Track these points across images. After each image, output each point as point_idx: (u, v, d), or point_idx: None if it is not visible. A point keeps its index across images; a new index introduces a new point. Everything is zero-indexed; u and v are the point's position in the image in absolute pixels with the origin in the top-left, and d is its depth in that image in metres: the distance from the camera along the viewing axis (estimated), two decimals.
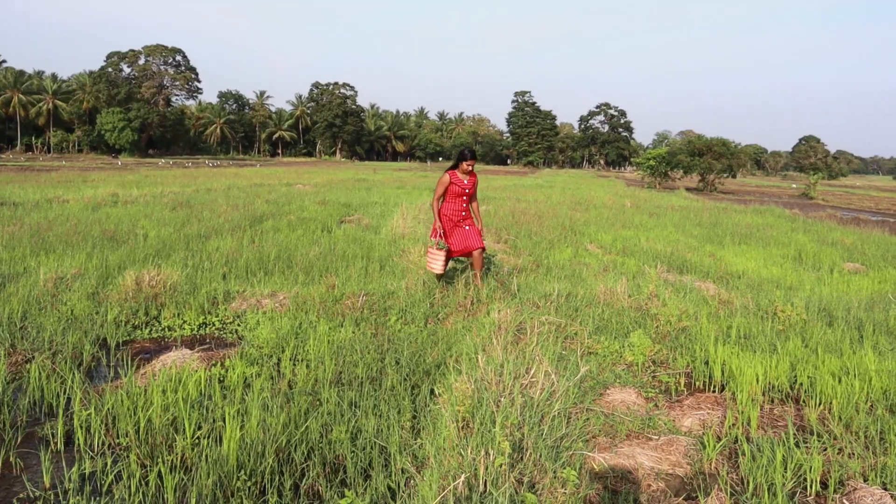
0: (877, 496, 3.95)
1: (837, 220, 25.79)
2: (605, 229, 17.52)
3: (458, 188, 8.60)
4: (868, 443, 4.74)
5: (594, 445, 4.65)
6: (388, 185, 37.63)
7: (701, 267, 12.18)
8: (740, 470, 4.35)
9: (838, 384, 5.59)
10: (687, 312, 7.73)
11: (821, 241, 17.18)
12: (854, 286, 11.01)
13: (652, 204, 29.61)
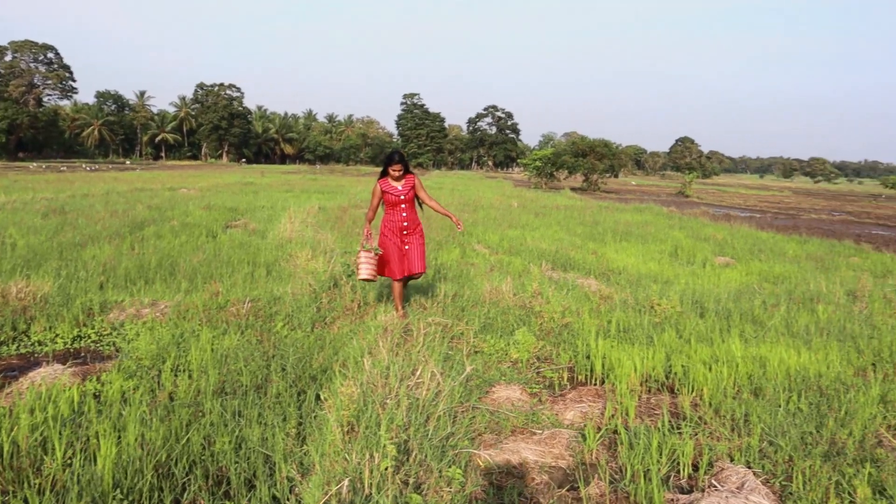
0: (741, 474, 4.20)
1: (710, 217, 27.19)
2: (492, 229, 17.81)
3: (393, 196, 7.65)
4: (734, 425, 5.03)
5: (480, 443, 4.72)
6: (276, 188, 36.91)
7: (584, 264, 12.57)
8: (619, 458, 4.52)
9: (709, 372, 5.90)
10: (570, 309, 7.97)
11: (695, 237, 18.07)
12: (724, 278, 11.64)
13: (538, 204, 30.34)
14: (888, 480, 4.11)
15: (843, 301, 9.26)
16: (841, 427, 4.90)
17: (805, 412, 5.18)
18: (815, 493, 4.04)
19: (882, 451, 4.59)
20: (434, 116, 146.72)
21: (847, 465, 4.36)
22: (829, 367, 6.24)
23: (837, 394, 5.54)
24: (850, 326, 7.75)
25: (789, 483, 4.20)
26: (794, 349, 6.67)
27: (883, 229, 27.83)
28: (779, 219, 30.64)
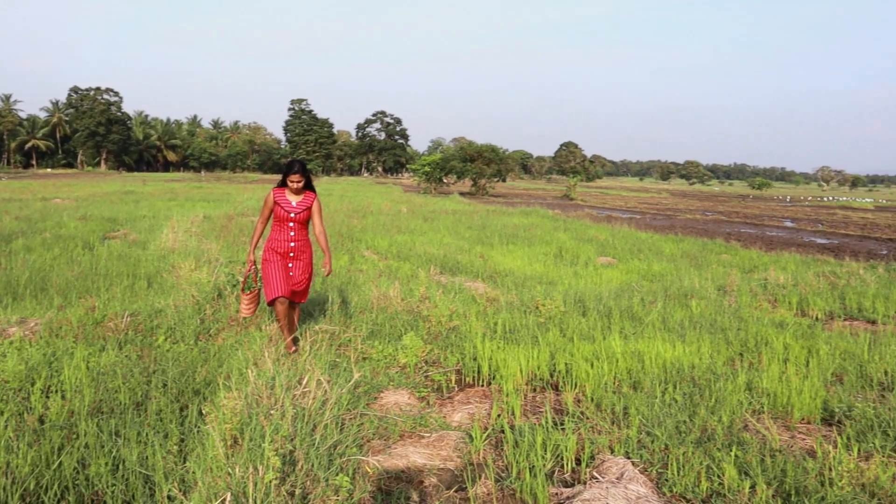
0: (620, 465, 4.37)
1: (593, 219, 28.15)
2: (381, 235, 17.80)
3: (284, 212, 6.60)
4: (614, 418, 5.22)
5: (368, 449, 4.71)
6: (158, 197, 35.56)
7: (472, 267, 12.75)
8: (505, 456, 4.61)
9: (591, 368, 6.11)
10: (457, 312, 8.07)
11: (579, 239, 18.66)
12: (606, 278, 12.08)
13: (427, 209, 30.53)
14: (752, 462, 4.37)
15: (714, 296, 9.78)
16: (711, 414, 5.18)
17: (679, 402, 5.44)
18: (688, 478, 4.25)
19: (748, 434, 4.88)
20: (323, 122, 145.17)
21: (717, 449, 4.61)
22: (701, 359, 6.58)
23: (709, 383, 5.85)
24: (721, 319, 8.20)
25: (665, 470, 4.39)
26: (669, 343, 6.99)
27: (751, 227, 29.58)
28: (657, 219, 32.05)
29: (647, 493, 4.07)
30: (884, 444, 4.79)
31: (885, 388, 6.11)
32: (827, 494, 4.00)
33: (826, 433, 5.14)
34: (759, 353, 6.95)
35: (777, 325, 8.13)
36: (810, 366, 6.49)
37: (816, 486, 4.12)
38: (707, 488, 4.19)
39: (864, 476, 4.28)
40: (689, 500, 4.10)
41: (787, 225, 32.11)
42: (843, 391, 5.86)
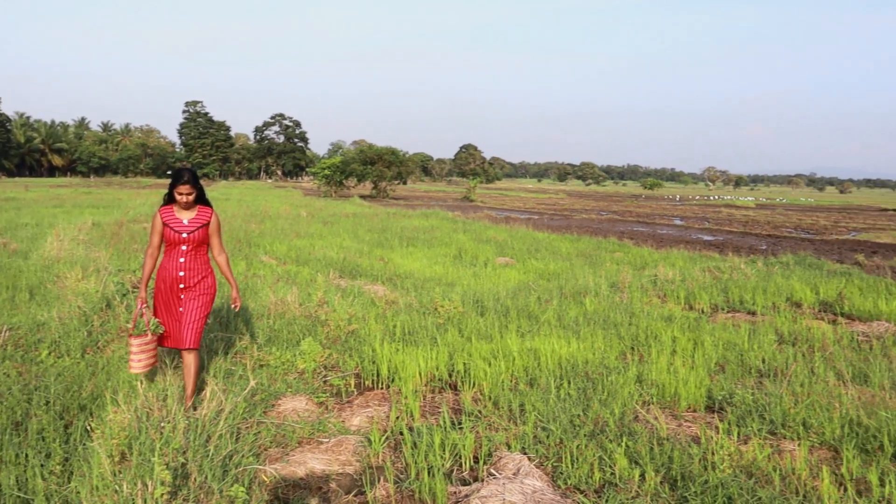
0: (517, 460, 4.46)
1: (492, 220, 28.55)
2: (280, 240, 17.50)
3: (174, 233, 5.36)
4: (511, 415, 5.33)
5: (266, 457, 4.63)
6: (42, 203, 33.73)
7: (371, 270, 12.71)
8: (404, 458, 4.62)
9: (489, 367, 6.20)
10: (356, 315, 8.03)
11: (478, 240, 18.89)
12: (504, 278, 12.28)
13: (327, 212, 30.23)
14: (641, 451, 4.55)
15: (607, 293, 10.10)
16: (604, 407, 5.35)
17: (574, 397, 5.60)
18: (581, 470, 4.38)
19: (638, 425, 5.07)
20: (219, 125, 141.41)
21: (609, 440, 4.77)
22: (594, 354, 6.78)
23: (601, 377, 6.04)
24: (613, 315, 8.48)
25: (560, 463, 4.51)
26: (564, 340, 7.18)
27: (643, 226, 30.69)
28: (554, 219, 32.82)
29: (542, 487, 4.17)
30: (760, 427, 5.07)
31: (762, 375, 6.47)
32: (710, 478, 4.20)
33: (710, 420, 5.39)
34: (648, 346, 7.22)
35: (666, 319, 8.48)
36: (696, 357, 6.80)
37: (700, 470, 4.33)
38: (599, 479, 4.33)
39: (743, 458, 4.53)
40: (582, 491, 4.22)
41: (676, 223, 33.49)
42: (725, 380, 6.17)
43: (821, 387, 5.88)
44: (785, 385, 5.85)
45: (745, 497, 3.96)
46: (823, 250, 20.74)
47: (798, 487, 4.19)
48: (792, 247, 21.42)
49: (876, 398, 5.56)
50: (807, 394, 5.62)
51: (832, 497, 4.03)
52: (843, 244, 23.49)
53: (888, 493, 4.11)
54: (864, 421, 5.03)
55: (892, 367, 6.68)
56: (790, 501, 3.96)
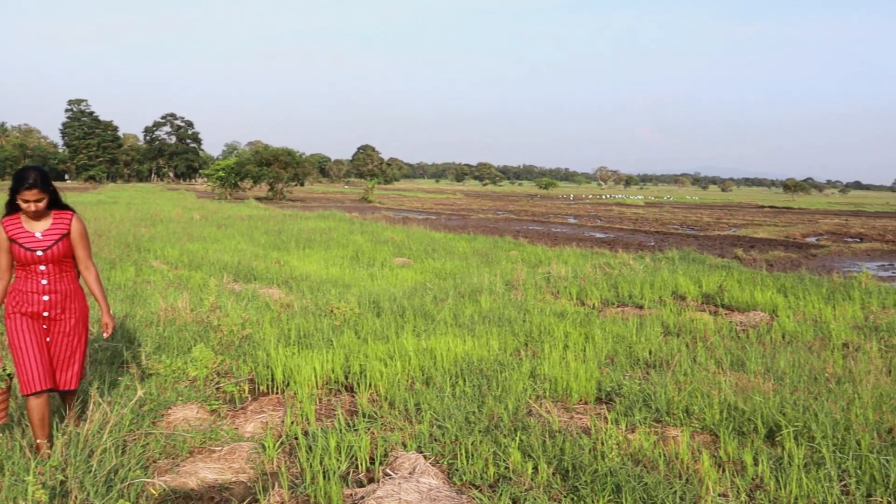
0: (412, 460, 4.48)
1: (390, 221, 28.55)
2: (171, 244, 16.93)
3: (25, 251, 4.33)
4: (407, 415, 5.35)
5: (154, 470, 4.48)
6: None
7: (267, 273, 12.48)
8: (300, 463, 4.57)
9: (385, 367, 6.20)
10: (250, 320, 7.87)
11: (375, 241, 18.85)
12: (401, 278, 12.31)
13: (221, 215, 29.47)
14: (534, 444, 4.66)
15: (502, 291, 10.29)
16: (498, 403, 5.45)
17: (469, 394, 5.68)
18: (476, 466, 4.44)
19: (531, 419, 5.19)
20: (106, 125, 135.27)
21: (503, 435, 4.86)
22: (489, 351, 6.90)
23: (496, 374, 6.15)
24: (508, 312, 8.65)
25: (455, 460, 4.57)
26: (460, 338, 7.27)
27: (538, 225, 31.40)
28: (452, 219, 33.13)
29: (438, 485, 4.21)
30: (647, 416, 5.29)
31: (649, 365, 6.75)
32: (599, 467, 4.34)
33: (600, 411, 5.58)
34: (542, 342, 7.40)
35: (558, 315, 8.71)
36: (587, 351, 7.02)
37: (591, 460, 4.47)
38: (494, 473, 4.41)
39: (630, 446, 4.71)
40: (477, 487, 4.29)
41: (570, 221, 34.42)
42: (614, 371, 6.39)
43: (702, 375, 6.18)
44: (669, 375, 6.13)
45: (632, 483, 4.11)
46: (706, 245, 21.78)
47: (681, 471, 4.39)
48: (678, 243, 22.39)
49: (751, 383, 5.89)
50: (689, 382, 5.89)
51: (711, 478, 4.24)
52: (724, 239, 24.74)
53: (761, 472, 4.37)
54: (741, 405, 5.32)
55: (766, 353, 7.10)
56: (674, 485, 4.14)
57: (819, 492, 4.09)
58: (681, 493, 4.05)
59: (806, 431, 4.93)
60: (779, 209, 60.49)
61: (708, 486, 4.13)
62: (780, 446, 4.76)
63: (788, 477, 4.22)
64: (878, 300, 10.38)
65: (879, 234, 29.41)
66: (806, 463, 4.49)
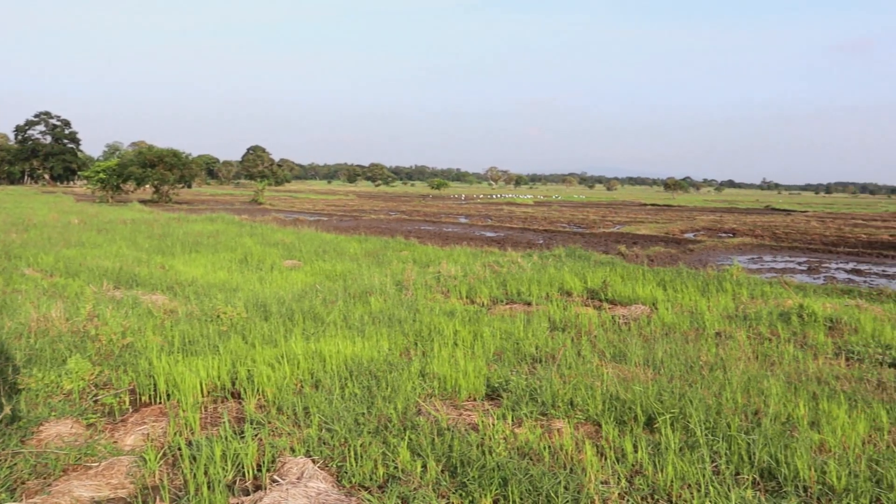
0: (300, 464, 4.43)
1: (280, 223, 28.06)
2: (46, 250, 16.04)
3: None
4: (296, 419, 5.28)
5: (22, 492, 4.24)
6: None
7: (151, 279, 12.03)
8: (183, 474, 4.43)
9: (273, 372, 6.10)
10: (131, 328, 7.57)
11: (265, 243, 18.48)
12: (291, 280, 12.11)
13: (102, 219, 28.14)
14: (423, 443, 4.69)
15: (393, 291, 10.30)
16: (388, 403, 5.46)
17: (359, 395, 5.66)
18: (365, 467, 4.44)
19: (421, 418, 5.22)
20: None
21: (393, 436, 4.88)
22: (379, 352, 6.90)
23: (385, 374, 6.15)
24: (398, 313, 8.67)
25: (345, 463, 4.54)
26: (350, 340, 7.24)
27: (429, 225, 31.58)
28: (344, 221, 32.86)
29: (327, 489, 4.18)
30: (533, 409, 5.43)
31: (536, 360, 6.91)
32: (487, 462, 4.42)
33: (488, 407, 5.67)
34: (431, 341, 7.46)
35: (448, 313, 8.80)
36: (476, 348, 7.13)
37: (479, 455, 4.54)
38: (384, 474, 4.41)
39: (517, 440, 4.82)
40: (367, 488, 4.28)
41: (461, 221, 34.78)
42: (502, 368, 6.52)
43: (586, 368, 6.40)
44: (555, 369, 6.31)
45: (518, 476, 4.21)
46: (592, 243, 22.51)
47: (565, 461, 4.53)
48: (565, 240, 23.03)
49: (631, 374, 6.15)
50: (574, 375, 6.09)
51: (594, 467, 4.40)
52: (608, 236, 25.64)
53: (640, 458, 4.56)
54: (622, 395, 5.54)
55: (646, 344, 7.42)
56: (558, 475, 4.27)
57: (693, 473, 4.32)
58: (565, 482, 4.18)
59: (681, 417, 5.19)
60: (660, 207, 63.18)
61: (590, 474, 4.28)
62: (658, 432, 4.99)
63: (665, 461, 4.43)
64: (748, 291, 11.02)
65: (750, 229, 31.25)
66: (681, 447, 4.72)
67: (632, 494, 4.14)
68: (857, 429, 5.03)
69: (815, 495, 4.15)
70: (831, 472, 4.29)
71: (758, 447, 4.64)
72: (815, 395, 5.83)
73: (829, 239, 26.60)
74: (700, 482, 4.22)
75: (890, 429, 5.21)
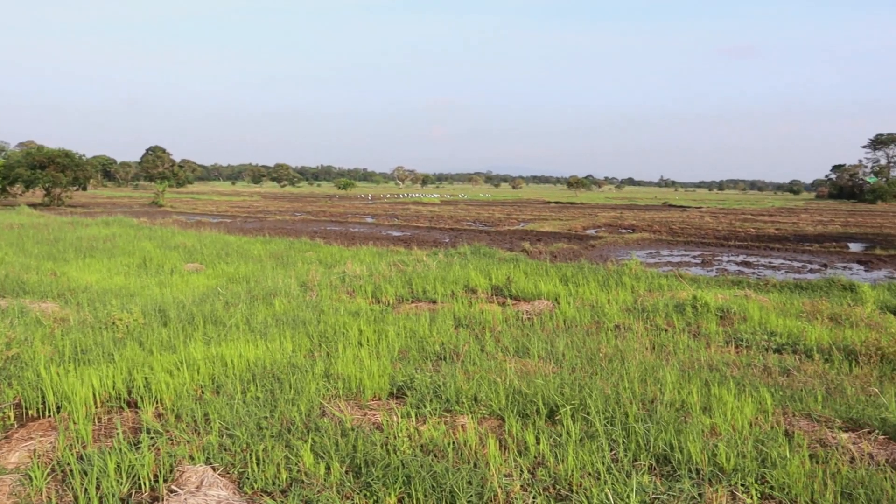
0: (200, 473, 4.32)
1: (182, 225, 27.22)
2: None
3: None
4: (196, 427, 5.13)
5: None
6: None
7: (40, 287, 11.44)
8: (73, 490, 4.24)
9: (172, 379, 5.92)
10: (17, 339, 7.19)
11: (165, 246, 17.88)
12: (192, 284, 11.77)
13: None
14: (327, 444, 4.65)
15: (297, 292, 10.15)
16: (291, 406, 5.38)
17: (261, 399, 5.56)
18: (268, 472, 4.36)
19: (325, 420, 5.17)
20: None
21: (296, 439, 4.81)
22: (283, 354, 6.79)
23: (289, 376, 6.06)
24: (302, 314, 8.55)
25: (247, 468, 4.45)
26: (252, 343, 7.10)
27: (336, 225, 31.30)
28: (248, 222, 32.16)
29: (228, 496, 4.09)
30: (437, 406, 5.46)
31: (440, 357, 6.95)
32: (392, 460, 4.42)
33: (393, 406, 5.67)
34: (336, 341, 7.40)
35: (353, 313, 8.75)
36: (380, 348, 7.11)
37: (383, 454, 4.54)
38: (287, 478, 4.35)
39: (422, 437, 4.84)
40: (269, 493, 4.21)
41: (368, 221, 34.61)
42: (406, 366, 6.53)
43: (490, 363, 6.48)
44: (459, 365, 6.36)
45: (422, 474, 4.22)
46: (497, 240, 22.81)
47: (469, 457, 4.58)
48: (471, 238, 23.25)
49: (534, 368, 6.27)
50: (477, 371, 6.15)
51: (497, 460, 4.47)
52: (513, 234, 26.04)
53: (542, 450, 4.65)
54: (524, 389, 5.64)
55: (548, 339, 7.57)
56: (462, 470, 4.30)
57: (592, 462, 4.44)
58: (468, 477, 4.22)
59: (582, 408, 5.32)
60: (563, 204, 64.62)
61: (493, 468, 4.33)
62: (560, 424, 5.10)
63: (566, 452, 4.54)
64: (646, 284, 11.41)
65: (648, 224, 32.38)
66: (582, 437, 4.85)
67: (534, 486, 4.22)
68: (744, 412, 5.29)
69: (706, 477, 4.33)
70: (721, 454, 4.50)
71: (654, 434, 4.81)
72: (707, 382, 6.09)
73: (721, 233, 27.86)
74: (600, 470, 4.35)
75: (774, 410, 5.50)
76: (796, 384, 6.19)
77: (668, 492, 4.13)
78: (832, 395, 5.90)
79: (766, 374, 6.57)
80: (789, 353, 7.35)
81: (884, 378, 6.45)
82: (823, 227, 33.26)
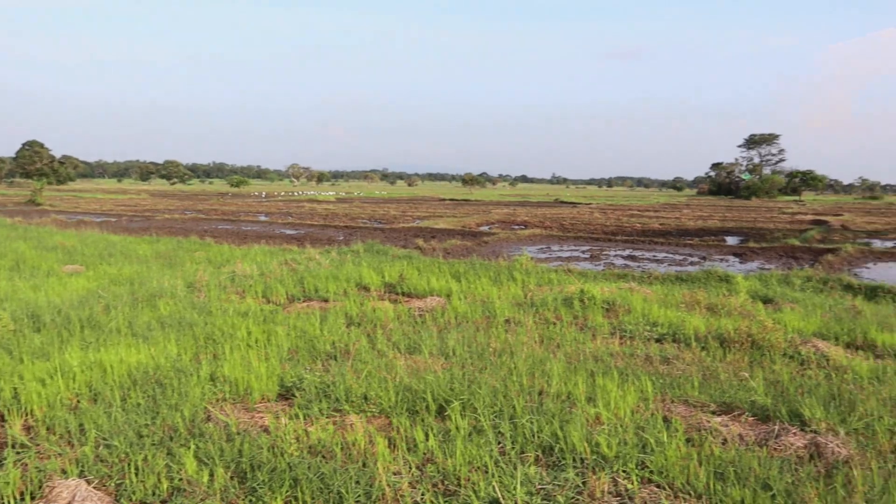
0: (72, 487, 4.10)
1: (61, 225, 25.86)
2: None
3: None
4: (70, 438, 4.88)
5: None
6: None
7: None
8: None
9: (44, 388, 5.60)
10: None
11: (41, 247, 16.93)
12: (71, 287, 11.18)
13: None
14: (212, 450, 4.51)
15: (184, 293, 9.82)
16: (174, 411, 5.19)
17: (143, 406, 5.34)
18: (148, 482, 4.19)
19: (210, 424, 5.02)
20: None
21: (179, 446, 4.64)
22: (167, 358, 6.55)
23: (172, 381, 5.85)
24: (189, 316, 8.28)
25: (125, 480, 4.26)
26: (135, 347, 6.82)
27: (227, 224, 30.49)
28: (135, 221, 30.90)
29: None
30: (326, 406, 5.40)
31: (330, 357, 6.87)
32: (278, 463, 4.33)
33: (281, 408, 5.57)
34: (223, 343, 7.20)
35: (242, 314, 8.54)
36: (269, 348, 6.97)
37: (270, 458, 4.45)
38: (168, 487, 4.20)
39: (310, 439, 4.77)
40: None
41: (261, 219, 33.87)
42: (295, 366, 6.42)
43: (381, 361, 6.46)
44: (349, 364, 6.31)
45: (309, 475, 4.16)
46: (392, 237, 22.80)
47: (357, 456, 4.55)
48: (365, 236, 23.15)
49: (424, 364, 6.29)
50: (368, 369, 6.12)
51: (386, 458, 4.45)
52: (408, 231, 26.09)
53: (431, 446, 4.67)
54: (414, 386, 5.65)
55: (440, 335, 7.62)
56: (350, 470, 4.27)
57: (480, 456, 4.49)
58: (356, 477, 4.19)
59: (471, 403, 5.37)
60: (458, 201, 65.26)
61: (381, 467, 4.32)
62: (449, 419, 5.14)
63: (454, 447, 4.58)
64: (536, 279, 11.66)
65: (540, 221, 33.15)
66: (470, 432, 4.90)
67: (423, 482, 4.23)
68: (627, 400, 5.48)
69: (590, 465, 4.46)
70: (603, 442, 4.64)
71: (540, 426, 4.92)
72: (593, 373, 6.27)
73: (609, 228, 28.84)
74: (487, 464, 4.40)
75: (654, 397, 5.72)
76: (675, 372, 6.46)
77: (553, 482, 4.23)
78: (707, 380, 6.20)
79: (648, 363, 6.84)
80: (670, 343, 7.68)
81: (753, 363, 6.83)
82: (703, 222, 34.99)
